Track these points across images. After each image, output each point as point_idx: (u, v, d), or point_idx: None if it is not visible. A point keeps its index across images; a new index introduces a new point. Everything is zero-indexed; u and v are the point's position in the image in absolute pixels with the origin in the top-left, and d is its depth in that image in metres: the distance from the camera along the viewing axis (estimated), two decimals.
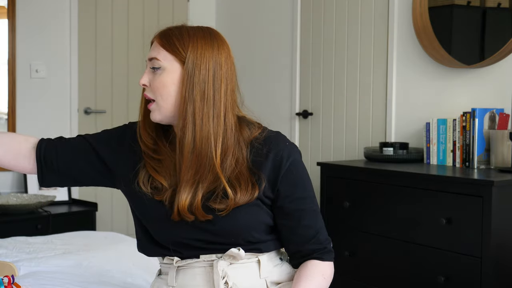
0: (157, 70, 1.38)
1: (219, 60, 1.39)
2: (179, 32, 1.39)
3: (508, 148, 2.72)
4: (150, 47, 1.43)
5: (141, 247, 1.54)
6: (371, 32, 3.48)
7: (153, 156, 1.43)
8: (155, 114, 1.40)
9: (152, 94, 1.39)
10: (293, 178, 1.42)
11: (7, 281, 1.73)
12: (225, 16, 4.57)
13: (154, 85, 1.38)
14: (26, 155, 1.49)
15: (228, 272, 1.40)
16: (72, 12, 3.96)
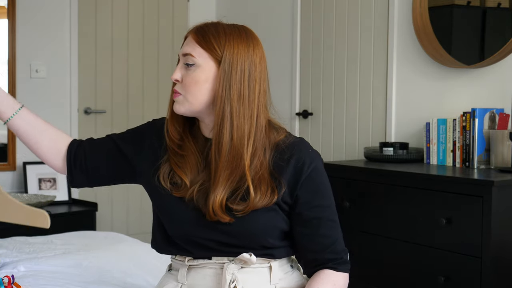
0: (190, 66, 1.38)
1: (254, 60, 1.39)
2: (216, 29, 1.39)
3: (508, 148, 2.72)
4: (183, 41, 1.43)
5: (155, 243, 1.52)
6: (371, 32, 3.48)
7: (177, 152, 1.43)
8: (179, 106, 1.40)
9: (182, 89, 1.39)
10: (313, 185, 1.41)
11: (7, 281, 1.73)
12: (225, 16, 4.56)
13: (186, 81, 1.38)
14: (62, 154, 1.52)
15: (238, 276, 1.39)
16: (72, 12, 3.96)
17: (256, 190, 1.35)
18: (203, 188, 1.39)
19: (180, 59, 1.42)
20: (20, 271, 2.06)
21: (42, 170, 3.79)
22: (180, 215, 1.41)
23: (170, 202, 1.42)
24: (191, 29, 1.43)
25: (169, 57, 4.47)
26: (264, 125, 1.40)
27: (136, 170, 1.49)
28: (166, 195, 1.42)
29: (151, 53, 4.39)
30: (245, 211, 1.36)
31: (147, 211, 4.40)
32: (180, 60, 1.41)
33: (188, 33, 1.43)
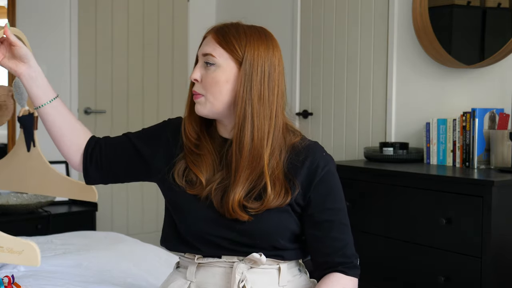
0: (210, 66, 1.39)
1: (273, 62, 1.41)
2: (236, 30, 1.40)
3: (508, 148, 2.72)
4: (202, 41, 1.44)
5: (164, 239, 1.53)
6: (371, 32, 3.48)
7: (193, 151, 1.44)
8: (201, 108, 1.41)
9: (203, 89, 1.40)
10: (326, 188, 1.42)
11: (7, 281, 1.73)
12: (225, 16, 4.57)
13: (206, 81, 1.39)
14: (81, 150, 1.54)
15: (247, 276, 1.40)
16: (72, 12, 3.96)
17: (271, 190, 1.37)
18: (220, 187, 1.40)
19: (199, 59, 1.43)
20: (20, 271, 2.06)
21: None
22: (194, 212, 1.42)
23: (184, 200, 1.43)
24: (211, 29, 1.44)
25: (169, 57, 4.47)
26: (281, 126, 1.43)
27: (151, 168, 1.50)
28: (180, 192, 1.43)
29: (151, 53, 4.39)
30: (259, 209, 1.37)
31: (147, 211, 4.40)
32: (199, 60, 1.42)
33: (208, 33, 1.43)
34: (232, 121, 1.42)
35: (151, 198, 4.40)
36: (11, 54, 1.46)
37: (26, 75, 1.49)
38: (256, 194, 1.38)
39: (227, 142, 1.45)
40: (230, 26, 1.42)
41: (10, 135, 3.79)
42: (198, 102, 1.41)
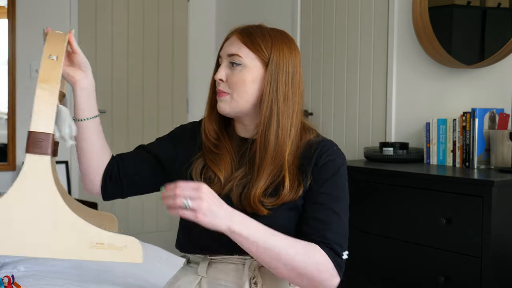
0: (236, 66, 1.42)
1: (296, 63, 1.46)
2: (261, 31, 1.44)
3: (508, 148, 2.72)
4: (224, 42, 1.47)
5: (179, 243, 1.53)
6: (371, 32, 3.48)
7: (212, 150, 1.46)
8: (225, 106, 1.44)
9: (228, 88, 1.43)
10: (326, 174, 1.43)
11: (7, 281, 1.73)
12: (225, 16, 4.57)
13: (232, 81, 1.42)
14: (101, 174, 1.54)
15: (259, 273, 1.41)
16: (72, 12, 3.96)
17: (288, 184, 1.40)
18: (240, 183, 1.42)
19: (223, 59, 1.45)
20: (20, 271, 2.06)
21: None
22: None
23: None
24: (234, 30, 1.47)
25: (169, 57, 4.47)
26: (299, 124, 1.46)
27: (172, 174, 1.51)
28: None
29: (151, 53, 4.39)
30: (274, 204, 1.39)
31: (147, 211, 4.40)
32: (223, 60, 1.45)
33: (231, 33, 1.47)
34: (254, 120, 1.46)
35: (151, 198, 4.40)
36: (70, 61, 1.43)
37: (81, 84, 1.44)
38: (272, 190, 1.40)
39: (247, 141, 1.48)
40: (255, 27, 1.46)
41: (10, 135, 3.79)
42: (222, 100, 1.44)
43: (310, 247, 1.33)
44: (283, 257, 1.30)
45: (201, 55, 4.57)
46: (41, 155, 1.16)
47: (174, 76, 4.49)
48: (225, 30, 5.08)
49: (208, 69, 4.57)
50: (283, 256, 1.30)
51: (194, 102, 4.50)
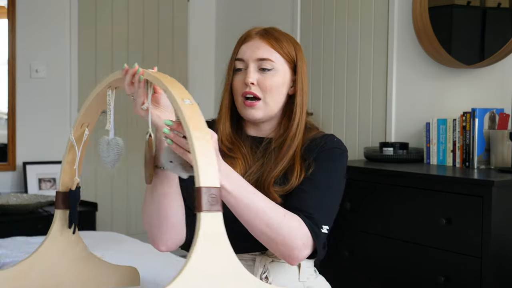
0: (268, 71, 1.44)
1: (305, 66, 1.53)
2: (283, 35, 1.49)
3: (508, 148, 2.72)
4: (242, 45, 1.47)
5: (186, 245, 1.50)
6: (371, 32, 3.48)
7: (227, 153, 1.47)
8: (259, 112, 1.46)
9: (261, 93, 1.45)
10: (325, 158, 1.46)
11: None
12: (225, 16, 4.57)
13: (266, 85, 1.44)
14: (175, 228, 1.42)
15: (270, 268, 1.43)
16: (72, 12, 3.96)
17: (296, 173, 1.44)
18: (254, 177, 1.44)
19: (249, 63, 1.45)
20: None
21: (42, 170, 3.79)
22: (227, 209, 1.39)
23: None
24: (254, 33, 1.48)
25: (169, 57, 4.47)
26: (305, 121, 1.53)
27: None
28: None
29: (151, 53, 4.39)
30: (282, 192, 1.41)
31: None
32: (250, 64, 1.45)
33: (250, 36, 1.48)
34: (271, 121, 1.50)
35: None
36: (156, 102, 1.32)
37: None
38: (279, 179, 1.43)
39: (260, 141, 1.50)
40: (275, 31, 1.49)
41: (10, 135, 3.79)
42: (255, 107, 1.45)
43: (290, 213, 1.33)
44: (261, 212, 1.28)
45: (201, 55, 4.57)
46: (217, 212, 1.02)
47: (174, 76, 4.47)
48: (225, 30, 5.07)
49: (208, 69, 4.57)
50: (261, 210, 1.28)
51: None
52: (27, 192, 3.71)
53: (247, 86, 1.44)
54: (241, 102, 1.47)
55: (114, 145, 1.27)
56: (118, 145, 1.28)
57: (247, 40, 1.47)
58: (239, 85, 1.46)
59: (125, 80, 1.25)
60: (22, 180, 3.78)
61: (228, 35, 4.51)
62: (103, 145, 1.30)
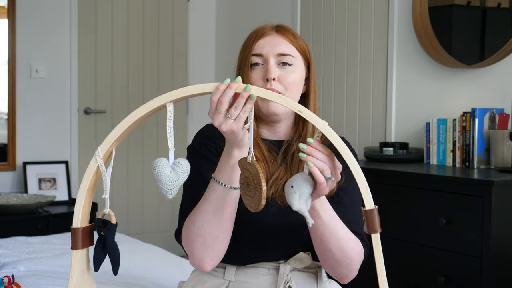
0: (288, 66, 1.41)
1: None
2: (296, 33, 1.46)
3: (508, 148, 2.72)
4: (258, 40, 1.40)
5: None
6: (371, 32, 3.48)
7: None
8: (279, 107, 1.39)
9: (282, 88, 1.40)
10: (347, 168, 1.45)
11: (7, 281, 1.73)
12: (225, 16, 4.57)
13: (287, 81, 1.40)
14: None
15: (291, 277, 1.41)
16: (72, 12, 3.96)
17: None
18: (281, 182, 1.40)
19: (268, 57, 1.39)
20: (20, 271, 2.06)
21: (42, 170, 3.79)
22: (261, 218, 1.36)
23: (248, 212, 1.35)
24: (271, 28, 1.44)
25: (169, 57, 4.47)
26: None
27: None
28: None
29: (151, 53, 4.39)
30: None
31: (147, 211, 4.40)
32: (269, 59, 1.39)
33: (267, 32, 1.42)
34: (287, 122, 1.45)
35: (151, 198, 4.40)
36: None
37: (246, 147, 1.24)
38: None
39: (279, 144, 1.44)
40: (289, 28, 1.46)
41: (10, 135, 3.79)
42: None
43: (355, 237, 1.36)
44: (338, 235, 1.30)
45: (201, 55, 4.57)
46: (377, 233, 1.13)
47: (174, 76, 4.48)
48: (225, 30, 5.07)
49: (208, 69, 4.57)
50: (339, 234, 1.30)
51: (194, 102, 4.50)
52: (27, 192, 3.71)
53: (268, 82, 1.37)
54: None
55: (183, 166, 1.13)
56: (186, 166, 1.13)
57: (264, 35, 1.41)
58: (258, 81, 1.38)
59: (225, 95, 1.15)
60: (22, 180, 3.78)
61: (228, 35, 4.51)
62: (166, 168, 1.14)
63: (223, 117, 1.17)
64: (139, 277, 2.09)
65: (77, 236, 1.15)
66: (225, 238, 1.30)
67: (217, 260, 1.33)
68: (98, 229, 1.19)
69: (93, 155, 1.16)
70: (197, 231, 1.28)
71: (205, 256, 1.30)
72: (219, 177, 1.26)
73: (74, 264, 1.16)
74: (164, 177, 1.14)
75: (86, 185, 1.19)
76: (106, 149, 1.18)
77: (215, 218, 1.27)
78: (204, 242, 1.28)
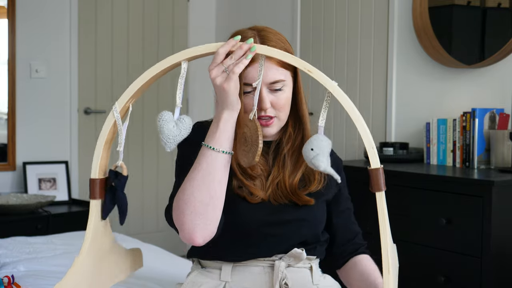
0: (280, 90, 1.39)
1: None
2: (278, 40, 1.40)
3: (508, 148, 2.72)
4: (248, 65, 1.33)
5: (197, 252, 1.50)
6: (371, 32, 3.48)
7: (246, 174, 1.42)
8: (274, 128, 1.41)
9: (275, 112, 1.40)
10: (344, 179, 1.58)
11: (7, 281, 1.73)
12: (225, 16, 4.57)
13: (280, 104, 1.39)
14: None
15: (287, 274, 1.42)
16: (72, 12, 3.96)
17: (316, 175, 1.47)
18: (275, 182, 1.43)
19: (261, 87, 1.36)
20: (20, 271, 2.06)
21: (42, 170, 3.79)
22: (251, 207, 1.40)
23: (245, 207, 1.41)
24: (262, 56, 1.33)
25: None
26: None
27: None
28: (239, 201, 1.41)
29: (151, 53, 4.39)
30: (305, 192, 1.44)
31: (147, 211, 4.40)
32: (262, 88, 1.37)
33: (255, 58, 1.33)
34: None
35: (151, 198, 4.40)
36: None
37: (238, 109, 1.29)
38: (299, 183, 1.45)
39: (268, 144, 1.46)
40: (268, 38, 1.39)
41: (10, 135, 3.79)
42: (271, 125, 1.40)
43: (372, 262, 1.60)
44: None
45: None
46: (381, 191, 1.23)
47: (174, 76, 4.49)
48: (225, 30, 5.07)
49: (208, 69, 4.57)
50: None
51: (194, 102, 4.50)
52: (27, 192, 3.70)
53: (262, 110, 1.37)
54: None
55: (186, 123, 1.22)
56: (189, 123, 1.23)
57: (253, 62, 1.33)
58: (250, 107, 1.35)
59: (234, 55, 1.24)
60: (22, 180, 3.78)
61: (228, 35, 4.50)
62: (169, 122, 1.22)
63: (221, 71, 1.25)
64: (138, 276, 2.09)
65: (95, 187, 1.24)
66: (215, 207, 1.27)
67: (208, 234, 1.28)
68: (110, 180, 1.25)
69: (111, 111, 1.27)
70: (187, 199, 1.27)
71: (196, 226, 1.26)
72: (209, 142, 1.28)
73: (92, 213, 1.27)
74: (167, 130, 1.22)
75: (104, 139, 1.25)
76: (122, 105, 1.27)
77: (205, 185, 1.26)
78: (195, 210, 1.26)
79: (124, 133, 1.25)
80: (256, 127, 1.26)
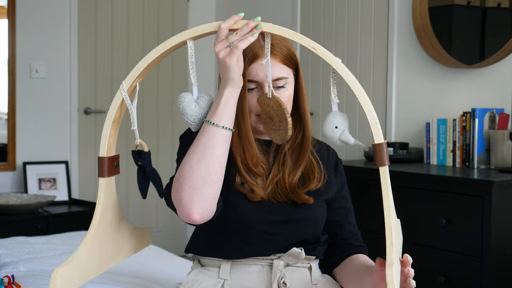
0: (283, 87, 1.40)
1: None
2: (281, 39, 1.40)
3: (508, 148, 2.72)
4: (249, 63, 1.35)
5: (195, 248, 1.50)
6: (371, 32, 3.48)
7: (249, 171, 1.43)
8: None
9: None
10: (343, 178, 1.58)
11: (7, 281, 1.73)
12: (225, 16, 4.57)
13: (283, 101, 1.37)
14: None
15: (285, 273, 1.43)
16: (72, 12, 3.96)
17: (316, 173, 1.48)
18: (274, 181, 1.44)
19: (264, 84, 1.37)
20: (20, 271, 2.06)
21: (42, 170, 3.79)
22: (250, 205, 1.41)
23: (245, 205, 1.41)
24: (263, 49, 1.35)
25: (169, 57, 4.47)
26: None
27: None
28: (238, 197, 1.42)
29: None
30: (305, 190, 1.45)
31: (147, 211, 4.40)
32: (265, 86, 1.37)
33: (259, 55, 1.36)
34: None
35: (151, 198, 4.40)
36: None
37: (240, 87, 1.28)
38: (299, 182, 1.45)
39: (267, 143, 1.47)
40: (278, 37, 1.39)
41: (10, 135, 3.79)
42: None
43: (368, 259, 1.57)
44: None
45: (201, 55, 4.57)
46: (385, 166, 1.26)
47: (174, 76, 4.49)
48: None
49: (208, 69, 4.57)
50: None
51: None
52: (27, 192, 3.71)
53: None
54: (255, 119, 1.41)
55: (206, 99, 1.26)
56: (209, 99, 1.27)
57: (256, 59, 1.36)
58: (253, 105, 1.39)
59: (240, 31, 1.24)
60: (22, 180, 3.78)
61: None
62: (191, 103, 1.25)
63: (225, 46, 1.25)
64: (138, 276, 2.09)
65: (104, 165, 1.26)
66: (213, 184, 1.25)
67: (206, 211, 1.26)
68: (135, 160, 1.30)
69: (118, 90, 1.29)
70: (186, 173, 1.26)
71: (193, 202, 1.24)
72: (209, 117, 1.27)
73: (101, 191, 1.26)
74: (190, 111, 1.25)
75: (112, 117, 1.30)
76: (129, 84, 1.26)
77: (204, 159, 1.25)
78: (192, 185, 1.24)
79: (135, 111, 1.27)
80: (278, 103, 1.28)
